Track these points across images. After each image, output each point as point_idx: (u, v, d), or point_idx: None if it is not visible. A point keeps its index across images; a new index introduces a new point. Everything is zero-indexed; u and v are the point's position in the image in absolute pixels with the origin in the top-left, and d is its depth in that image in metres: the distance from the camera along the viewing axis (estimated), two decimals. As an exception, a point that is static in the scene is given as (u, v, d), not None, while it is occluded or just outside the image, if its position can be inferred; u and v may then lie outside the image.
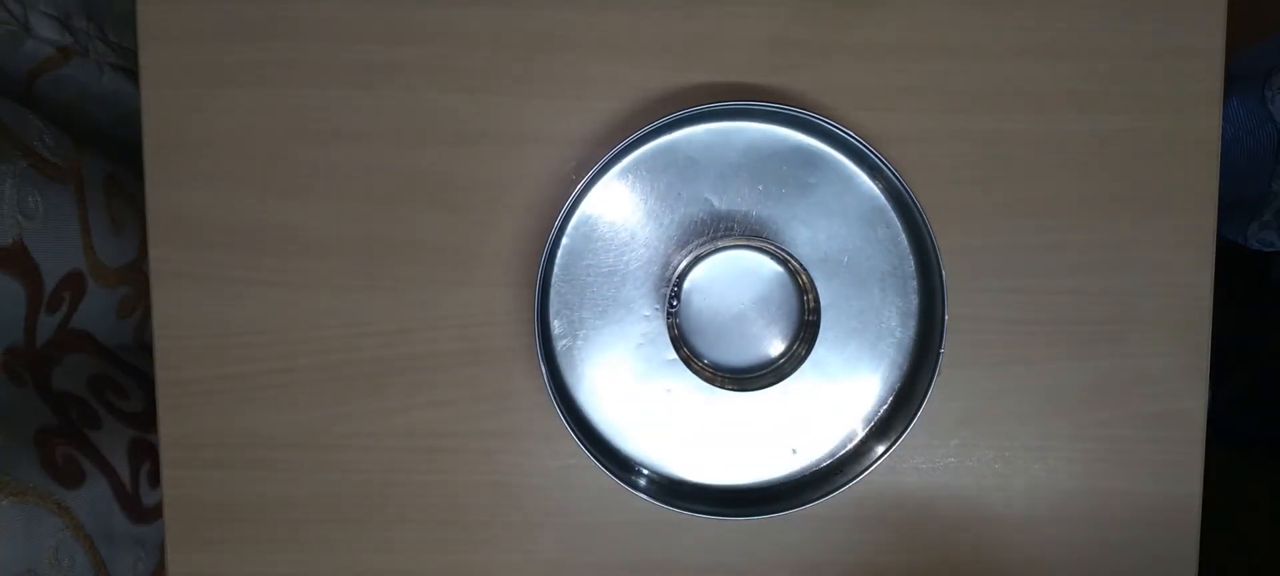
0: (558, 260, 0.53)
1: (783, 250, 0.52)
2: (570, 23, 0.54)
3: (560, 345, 0.54)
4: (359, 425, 0.56)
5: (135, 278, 0.65)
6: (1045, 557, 0.58)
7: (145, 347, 0.67)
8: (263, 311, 0.55)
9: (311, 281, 0.55)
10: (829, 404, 0.54)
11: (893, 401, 0.54)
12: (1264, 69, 0.72)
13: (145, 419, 0.62)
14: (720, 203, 0.53)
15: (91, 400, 0.60)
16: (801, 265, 0.52)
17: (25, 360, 0.56)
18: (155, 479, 0.60)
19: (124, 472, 0.58)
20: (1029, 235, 0.56)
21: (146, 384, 0.64)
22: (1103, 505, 0.57)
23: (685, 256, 0.53)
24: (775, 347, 0.54)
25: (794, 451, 0.55)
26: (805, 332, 0.53)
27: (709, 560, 0.57)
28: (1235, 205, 0.79)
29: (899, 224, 0.53)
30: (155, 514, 0.60)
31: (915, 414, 0.51)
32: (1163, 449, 0.57)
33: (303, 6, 0.54)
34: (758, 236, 0.53)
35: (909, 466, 0.56)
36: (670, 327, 0.52)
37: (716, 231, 0.53)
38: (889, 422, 0.54)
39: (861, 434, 0.55)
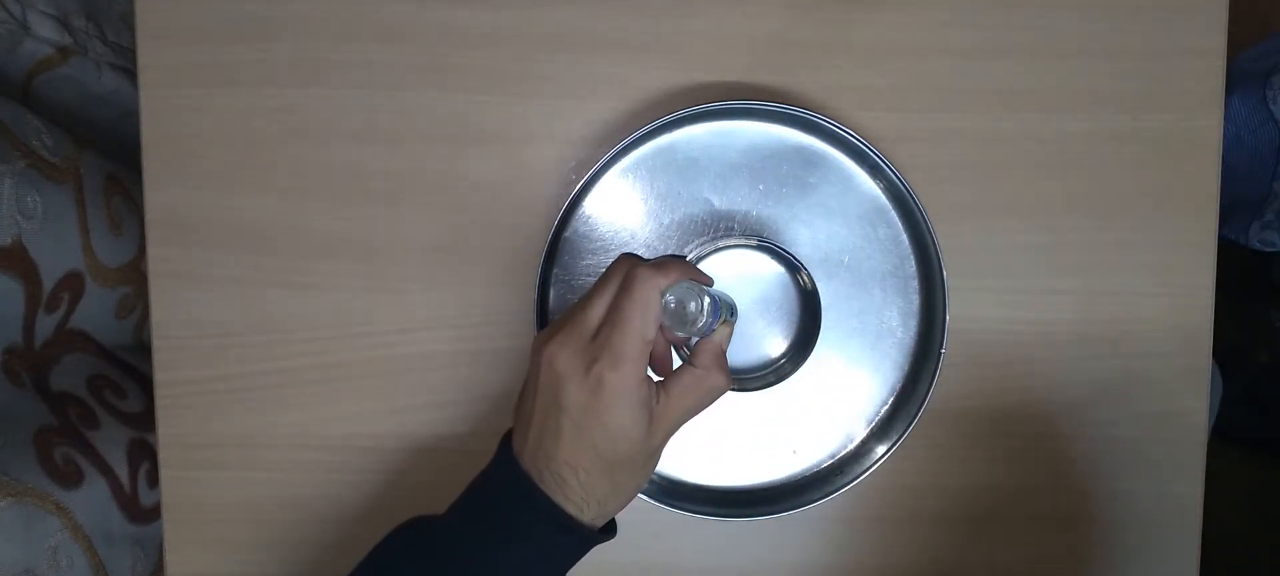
0: (558, 260, 0.53)
1: (783, 250, 0.52)
2: (570, 23, 0.54)
3: (560, 345, 0.53)
4: (359, 425, 0.56)
5: (134, 278, 0.65)
6: (1046, 558, 0.58)
7: (144, 348, 0.67)
8: (262, 311, 0.55)
9: (311, 281, 0.55)
10: (829, 404, 0.54)
11: (893, 401, 0.54)
12: (1265, 68, 0.72)
13: (144, 419, 0.62)
14: (720, 202, 0.53)
15: (90, 400, 0.60)
16: (802, 265, 0.52)
17: (24, 360, 0.56)
18: (154, 479, 0.60)
19: (123, 473, 0.58)
20: (1029, 235, 0.56)
21: (145, 384, 0.64)
22: (1103, 505, 0.57)
23: (686, 256, 0.53)
24: (775, 347, 0.54)
25: (794, 451, 0.55)
26: (805, 333, 0.53)
27: (709, 560, 0.57)
28: (1237, 205, 0.79)
29: (900, 224, 0.53)
30: (154, 514, 0.60)
31: (916, 414, 0.51)
32: (1163, 449, 0.57)
33: (303, 6, 0.54)
34: (758, 236, 0.53)
35: (909, 466, 0.56)
36: (670, 328, 0.52)
37: (717, 231, 0.53)
38: (890, 423, 0.54)
39: (862, 434, 0.54)
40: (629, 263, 0.41)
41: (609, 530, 0.43)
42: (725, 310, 0.44)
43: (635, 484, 0.42)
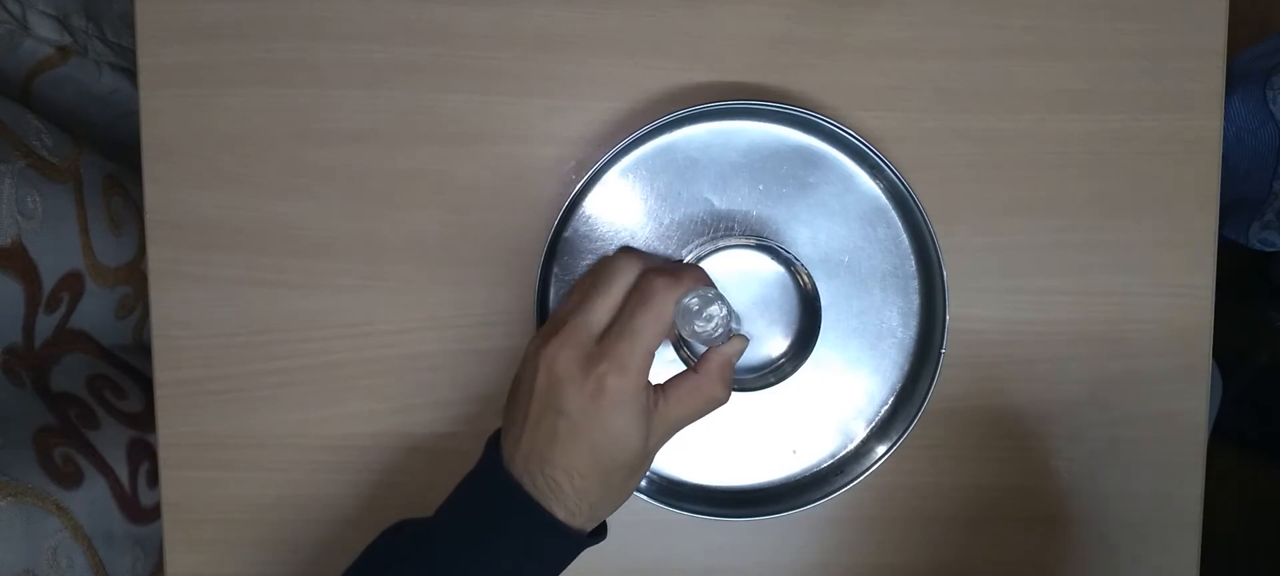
0: (557, 260, 0.53)
1: (783, 250, 0.52)
2: (570, 23, 0.54)
3: (560, 345, 0.53)
4: (359, 425, 0.56)
5: (134, 277, 0.65)
6: (1045, 557, 0.58)
7: (144, 348, 0.67)
8: (262, 311, 0.55)
9: (311, 281, 0.55)
10: (829, 404, 0.54)
11: (893, 401, 0.54)
12: (1265, 68, 0.72)
13: (144, 419, 0.62)
14: (720, 202, 0.53)
15: (90, 400, 0.60)
16: (802, 265, 0.52)
17: (24, 360, 0.56)
18: (154, 479, 0.60)
19: (122, 473, 0.58)
20: (1029, 235, 0.56)
21: (145, 384, 0.64)
22: (1103, 505, 0.57)
23: (685, 256, 0.53)
24: (775, 347, 0.54)
25: (794, 451, 0.55)
26: (805, 333, 0.53)
27: (709, 560, 0.57)
28: (1237, 205, 0.79)
29: (900, 224, 0.53)
30: (154, 514, 0.60)
31: (916, 414, 0.51)
32: (1163, 449, 0.57)
33: (303, 6, 0.54)
34: (758, 236, 0.53)
35: (909, 466, 0.56)
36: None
37: (717, 231, 0.53)
38: (890, 423, 0.54)
39: (862, 434, 0.54)
40: (637, 265, 0.41)
41: (599, 532, 0.43)
42: (734, 320, 0.43)
43: (629, 488, 0.42)
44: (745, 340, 0.43)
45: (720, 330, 0.41)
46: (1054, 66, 0.55)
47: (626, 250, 0.42)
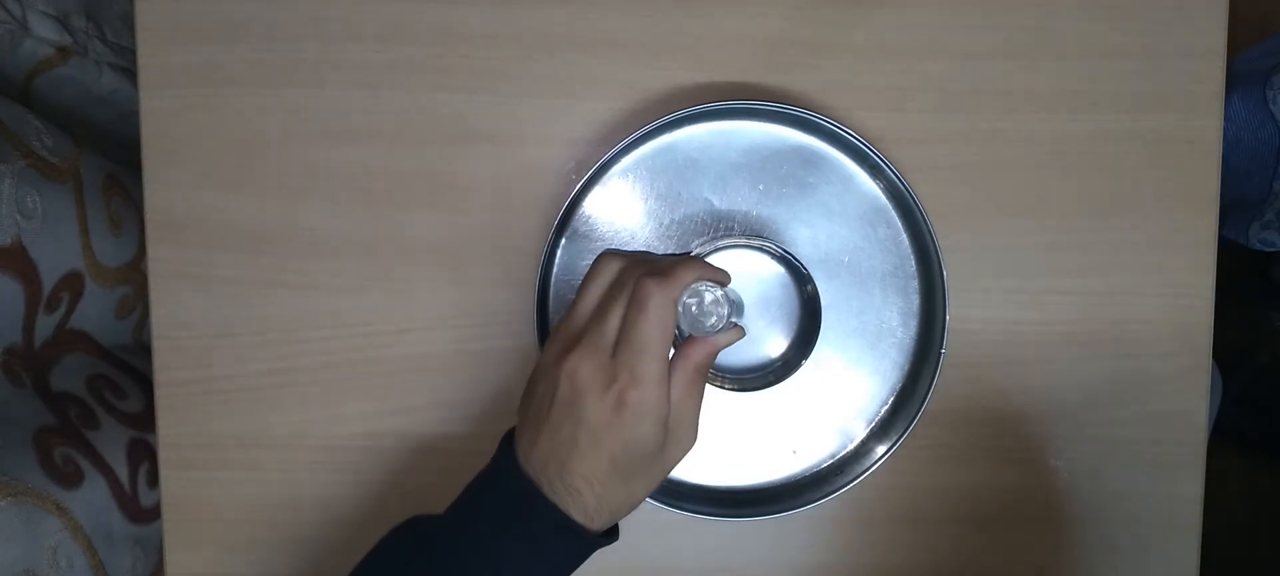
0: (557, 260, 0.53)
1: (783, 250, 0.52)
2: (570, 23, 0.54)
3: (560, 345, 0.53)
4: (359, 425, 0.56)
5: (134, 277, 0.65)
6: (1045, 558, 0.58)
7: (144, 348, 0.67)
8: (262, 311, 0.55)
9: (311, 281, 0.55)
10: (829, 404, 0.54)
11: (893, 401, 0.54)
12: (1265, 68, 0.72)
13: (144, 419, 0.62)
14: (720, 202, 0.53)
15: (90, 400, 0.60)
16: (802, 265, 0.52)
17: (24, 360, 0.56)
18: (154, 479, 0.60)
19: (122, 473, 0.58)
20: (1029, 235, 0.56)
21: (145, 384, 0.64)
22: (1103, 505, 0.57)
23: (691, 251, 0.53)
24: (775, 347, 0.54)
25: (794, 451, 0.55)
26: (805, 333, 0.53)
27: (709, 560, 0.57)
28: (1236, 205, 0.79)
29: (900, 223, 0.53)
30: (154, 514, 0.60)
31: (916, 414, 0.51)
32: (1163, 449, 0.57)
33: (303, 6, 0.54)
34: (758, 236, 0.53)
35: (909, 466, 0.56)
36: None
37: (717, 231, 0.53)
38: (890, 423, 0.54)
39: (862, 434, 0.54)
40: (637, 271, 0.41)
41: (611, 534, 0.43)
42: (735, 310, 0.44)
43: (647, 487, 0.43)
44: (740, 331, 0.43)
45: (722, 324, 0.42)
46: (1054, 66, 0.55)
47: (636, 260, 0.42)
